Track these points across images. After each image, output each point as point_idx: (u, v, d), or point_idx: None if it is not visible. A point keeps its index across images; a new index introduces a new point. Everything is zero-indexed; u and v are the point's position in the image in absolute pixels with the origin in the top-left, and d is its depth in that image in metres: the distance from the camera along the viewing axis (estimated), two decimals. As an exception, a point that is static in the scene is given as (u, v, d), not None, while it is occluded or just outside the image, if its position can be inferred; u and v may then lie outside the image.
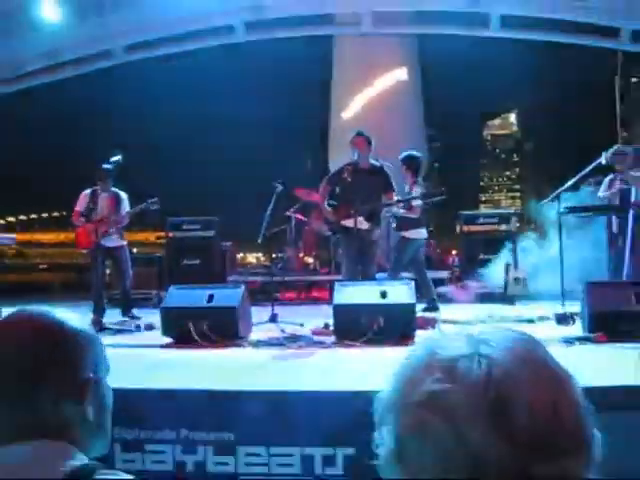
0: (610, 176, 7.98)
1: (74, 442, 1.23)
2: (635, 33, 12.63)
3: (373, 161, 7.78)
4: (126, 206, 8.34)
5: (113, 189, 8.29)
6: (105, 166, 8.27)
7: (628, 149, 8.12)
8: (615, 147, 8.03)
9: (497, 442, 0.77)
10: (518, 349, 0.84)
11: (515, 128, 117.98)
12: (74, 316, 1.32)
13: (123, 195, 8.35)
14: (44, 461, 1.14)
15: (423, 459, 0.81)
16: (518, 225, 11.38)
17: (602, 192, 8.04)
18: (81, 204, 8.20)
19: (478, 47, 17.00)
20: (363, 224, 7.50)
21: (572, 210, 7.83)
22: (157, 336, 6.43)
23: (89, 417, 1.29)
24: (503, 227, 10.94)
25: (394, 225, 8.61)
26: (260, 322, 6.87)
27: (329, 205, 7.88)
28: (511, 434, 0.77)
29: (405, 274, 8.93)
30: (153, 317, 7.28)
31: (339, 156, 8.07)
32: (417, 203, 8.13)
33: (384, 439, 0.87)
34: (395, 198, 7.93)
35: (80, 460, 1.18)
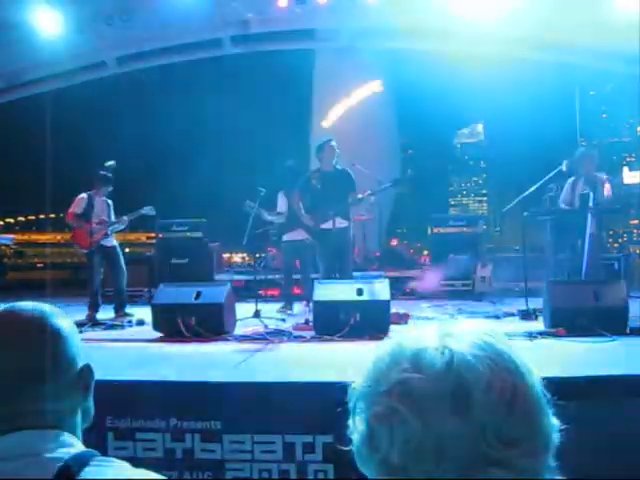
0: (572, 178, 8.01)
1: (71, 429, 1.23)
2: (593, 50, 12.76)
3: (339, 166, 7.85)
4: (112, 213, 8.31)
5: (104, 196, 8.24)
6: (103, 172, 8.22)
7: (595, 152, 8.20)
8: (582, 149, 8.10)
9: (457, 426, 0.78)
10: (480, 342, 0.85)
11: (482, 137, 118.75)
12: (59, 309, 1.32)
13: (110, 202, 8.33)
14: (42, 450, 1.14)
15: (392, 444, 0.81)
16: (485, 227, 11.47)
17: (565, 194, 8.08)
18: (78, 206, 8.13)
19: (449, 61, 17.08)
20: (341, 222, 7.56)
21: (535, 214, 7.92)
22: (148, 331, 6.42)
23: (88, 402, 1.29)
24: (471, 229, 11.01)
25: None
26: (244, 318, 6.87)
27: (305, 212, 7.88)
28: (469, 419, 0.79)
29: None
30: (144, 313, 7.26)
31: (319, 161, 8.07)
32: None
33: (357, 426, 0.88)
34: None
35: (77, 448, 1.18)
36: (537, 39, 12.87)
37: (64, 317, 1.31)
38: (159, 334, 6.15)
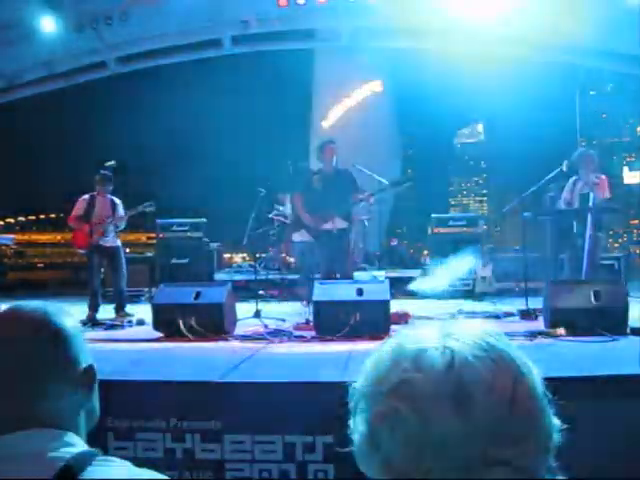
0: (574, 178, 8.00)
1: (74, 428, 1.23)
2: (593, 50, 12.76)
3: (340, 166, 7.83)
4: (121, 210, 8.30)
5: (108, 195, 8.24)
6: (104, 172, 8.24)
7: (593, 153, 8.17)
8: (581, 150, 8.08)
9: (458, 426, 0.78)
10: (481, 341, 0.85)
11: (482, 137, 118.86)
12: (63, 309, 1.32)
13: (117, 200, 8.32)
14: (43, 450, 1.14)
15: (393, 444, 0.82)
16: (485, 227, 11.46)
17: (565, 193, 8.07)
18: (79, 208, 8.14)
19: (449, 61, 17.10)
20: (342, 223, 7.55)
21: (535, 214, 7.91)
22: (148, 331, 6.42)
23: (92, 403, 1.29)
24: (471, 229, 11.00)
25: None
26: (245, 317, 6.88)
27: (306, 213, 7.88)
28: (470, 418, 0.79)
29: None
30: (144, 313, 7.27)
31: (319, 162, 8.07)
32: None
33: (358, 426, 0.88)
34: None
35: (79, 447, 1.18)
36: (537, 39, 12.87)
37: (68, 317, 1.31)
38: (159, 334, 6.15)
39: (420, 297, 9.80)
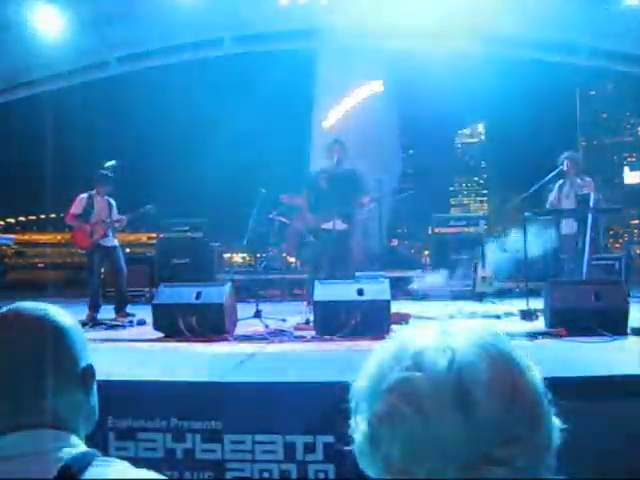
0: (560, 181, 8.11)
1: (73, 429, 1.23)
2: (593, 50, 12.75)
3: (348, 166, 7.80)
4: (115, 211, 8.30)
5: (105, 195, 8.24)
6: (104, 172, 8.24)
7: (577, 155, 8.26)
8: (564, 154, 8.14)
9: (459, 425, 0.79)
10: (481, 341, 0.85)
11: (483, 137, 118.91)
12: (63, 310, 1.33)
13: (112, 201, 8.32)
14: (43, 450, 1.14)
15: (393, 444, 0.82)
16: (486, 227, 11.46)
17: (553, 197, 8.20)
18: (77, 207, 8.14)
19: (450, 61, 17.09)
20: (341, 225, 7.53)
21: (536, 214, 7.93)
22: (148, 331, 6.42)
23: (91, 404, 1.30)
24: (472, 229, 11.00)
25: None
26: (245, 317, 6.88)
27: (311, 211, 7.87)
28: (471, 417, 0.79)
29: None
30: (145, 313, 7.27)
31: (320, 162, 8.07)
32: None
33: (359, 426, 0.88)
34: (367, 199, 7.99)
35: (78, 448, 1.18)
36: (537, 39, 12.87)
37: (67, 317, 1.31)
38: (160, 334, 6.15)
39: (421, 297, 9.82)
